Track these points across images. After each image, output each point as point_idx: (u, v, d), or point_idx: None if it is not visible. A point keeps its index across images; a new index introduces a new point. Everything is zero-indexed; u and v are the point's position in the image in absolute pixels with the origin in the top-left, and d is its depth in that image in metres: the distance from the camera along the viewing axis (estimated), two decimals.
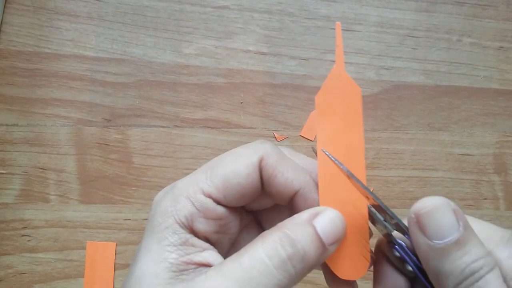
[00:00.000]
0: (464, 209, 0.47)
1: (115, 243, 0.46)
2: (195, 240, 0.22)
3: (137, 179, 0.47)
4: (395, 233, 0.23)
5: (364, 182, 0.23)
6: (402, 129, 0.50)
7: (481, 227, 0.21)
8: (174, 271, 0.21)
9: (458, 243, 0.19)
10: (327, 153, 0.23)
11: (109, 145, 0.48)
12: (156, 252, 0.21)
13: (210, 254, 0.22)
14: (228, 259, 0.21)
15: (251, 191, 0.23)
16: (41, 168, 0.47)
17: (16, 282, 0.45)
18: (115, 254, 0.46)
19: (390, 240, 0.23)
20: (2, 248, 0.46)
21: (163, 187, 0.24)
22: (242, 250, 0.21)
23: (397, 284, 0.23)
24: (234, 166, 0.23)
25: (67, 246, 0.46)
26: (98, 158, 0.47)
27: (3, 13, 0.49)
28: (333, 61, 0.50)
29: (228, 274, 0.20)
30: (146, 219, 0.46)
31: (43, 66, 0.48)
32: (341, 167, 0.22)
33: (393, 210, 0.24)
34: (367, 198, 0.23)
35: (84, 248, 0.46)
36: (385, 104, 0.50)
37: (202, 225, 0.22)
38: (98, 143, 0.48)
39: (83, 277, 0.45)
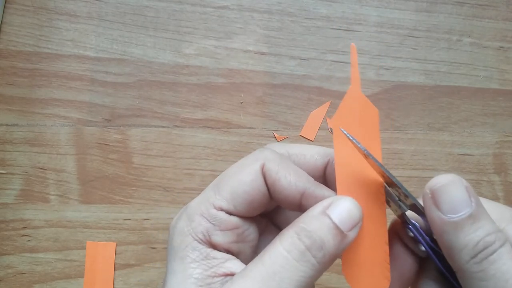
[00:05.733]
0: None
1: (115, 243, 0.46)
2: (216, 253, 0.22)
3: (137, 179, 0.47)
4: (410, 214, 0.23)
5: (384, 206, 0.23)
6: (402, 129, 0.50)
7: (491, 207, 0.22)
8: (201, 286, 0.21)
9: (472, 218, 0.20)
10: (345, 132, 0.22)
11: (109, 145, 0.48)
12: (180, 272, 0.22)
13: (233, 264, 0.22)
14: (250, 262, 0.21)
15: (258, 198, 0.23)
16: (41, 168, 0.47)
17: (16, 282, 0.45)
18: (115, 254, 0.46)
19: (404, 221, 0.23)
20: (2, 248, 0.46)
21: (163, 187, 0.24)
22: (262, 252, 0.21)
23: (406, 264, 0.23)
24: (238, 176, 0.23)
25: (67, 246, 0.46)
26: (98, 158, 0.47)
27: (3, 13, 0.49)
28: (334, 61, 0.50)
29: (252, 274, 0.20)
30: (146, 219, 0.47)
31: (43, 66, 0.48)
32: (358, 145, 0.22)
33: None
34: (383, 176, 0.22)
35: (84, 248, 0.46)
36: (385, 104, 0.50)
37: (219, 238, 0.23)
38: (98, 143, 0.48)
39: (83, 277, 0.45)
